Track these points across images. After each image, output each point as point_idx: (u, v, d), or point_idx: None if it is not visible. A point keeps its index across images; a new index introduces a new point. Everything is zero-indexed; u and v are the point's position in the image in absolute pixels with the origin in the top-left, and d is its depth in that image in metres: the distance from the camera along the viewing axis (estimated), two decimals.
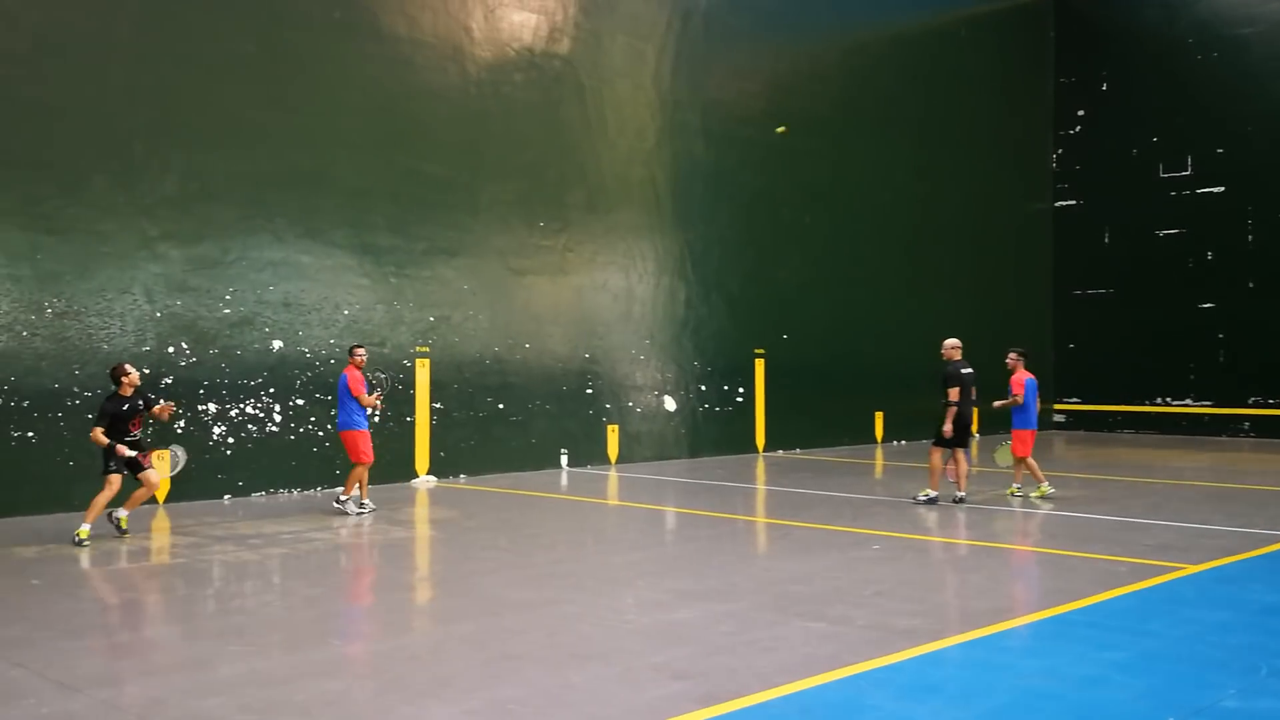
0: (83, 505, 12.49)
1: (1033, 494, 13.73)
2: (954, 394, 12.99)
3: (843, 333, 21.86)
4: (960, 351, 13.37)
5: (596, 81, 18.28)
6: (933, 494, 13.20)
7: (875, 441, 14.07)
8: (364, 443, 12.54)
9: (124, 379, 10.80)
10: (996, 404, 14.00)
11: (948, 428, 12.97)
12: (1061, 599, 8.05)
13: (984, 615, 7.63)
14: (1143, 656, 6.56)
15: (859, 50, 23.10)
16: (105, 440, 10.57)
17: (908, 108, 23.98)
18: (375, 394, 13.00)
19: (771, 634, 7.04)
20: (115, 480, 10.56)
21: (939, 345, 13.73)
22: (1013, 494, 13.84)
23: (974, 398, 13.41)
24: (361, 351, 12.86)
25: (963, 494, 13.27)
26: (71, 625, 7.28)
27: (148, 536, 11.08)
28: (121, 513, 10.89)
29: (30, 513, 12.16)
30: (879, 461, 15.73)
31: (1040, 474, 13.81)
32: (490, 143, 16.80)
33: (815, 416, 21.41)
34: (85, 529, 10.40)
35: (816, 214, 21.90)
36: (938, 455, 13.21)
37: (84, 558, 9.79)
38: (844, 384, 21.72)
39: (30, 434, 12.29)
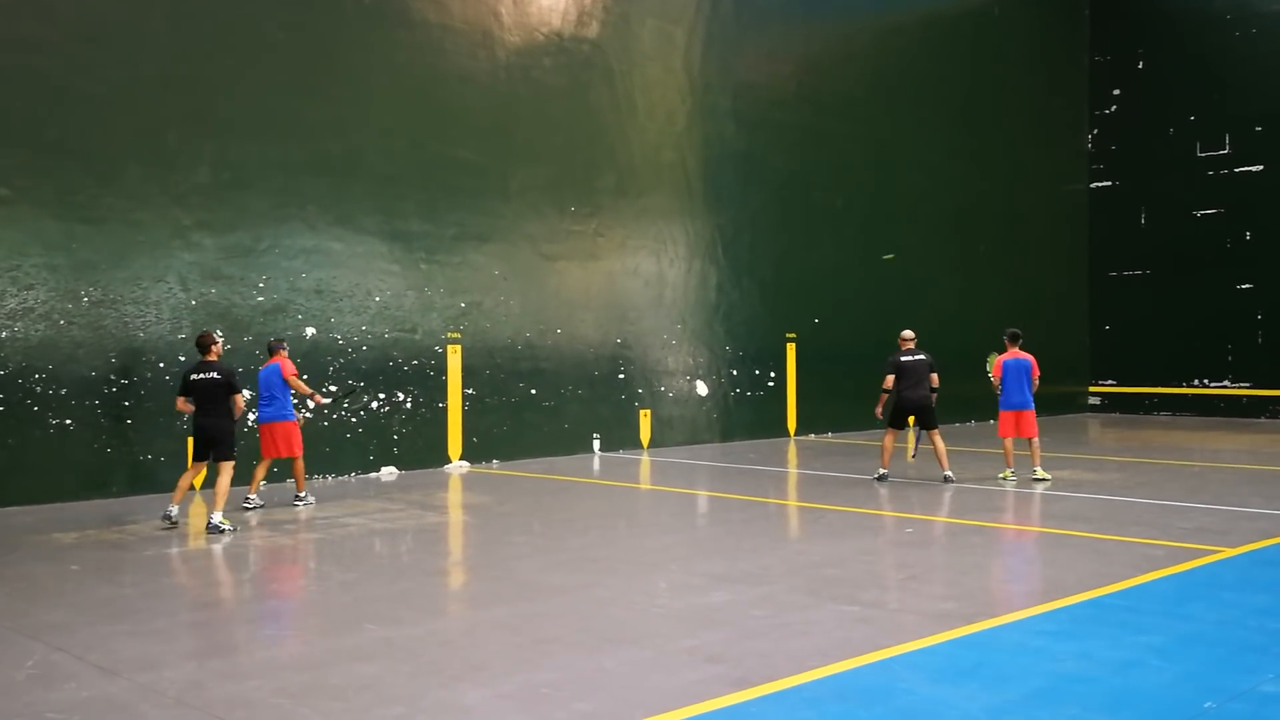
0: (121, 492, 12.66)
1: (999, 475, 14.06)
2: (888, 381, 13.95)
3: (875, 316, 21.72)
4: (912, 343, 14.25)
5: (626, 65, 18.23)
6: (882, 471, 14.09)
7: (907, 425, 14.01)
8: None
9: (213, 346, 10.91)
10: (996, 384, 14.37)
11: (878, 410, 14.14)
12: (1097, 582, 7.98)
13: (1019, 599, 7.57)
14: (1180, 640, 6.49)
15: (892, 30, 22.90)
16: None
17: (942, 88, 23.76)
18: (343, 396, 13.48)
19: (805, 618, 7.03)
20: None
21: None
22: (1006, 478, 13.98)
23: (935, 385, 14.04)
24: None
25: (948, 472, 13.75)
26: (110, 610, 7.36)
27: (186, 522, 11.19)
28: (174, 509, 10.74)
29: (69, 499, 12.32)
30: (910, 445, 15.67)
31: (1011, 460, 14.10)
32: (520, 128, 16.80)
33: (847, 400, 21.29)
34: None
35: (849, 197, 21.76)
36: (890, 436, 14.17)
37: (122, 543, 9.90)
38: (875, 368, 21.53)
39: (68, 421, 12.44)
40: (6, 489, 11.94)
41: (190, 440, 11.22)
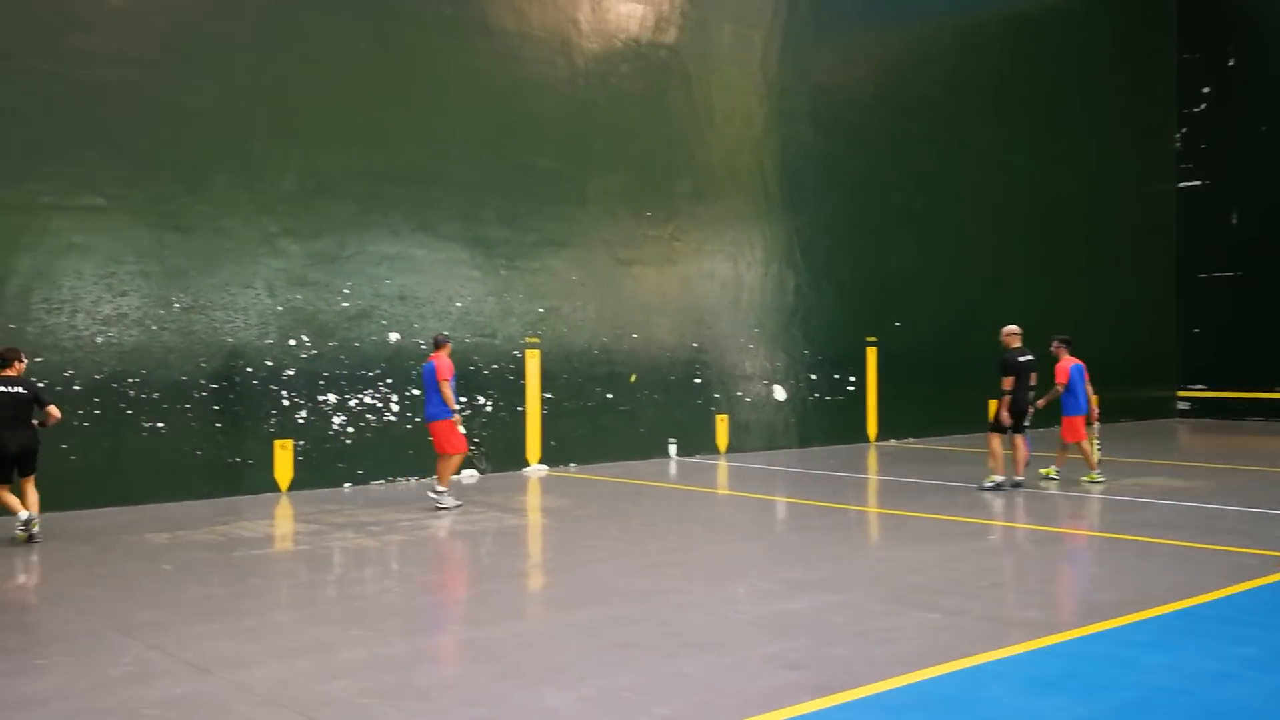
0: (210, 493, 12.96)
1: (1043, 470, 13.92)
2: (1008, 383, 13.05)
3: (957, 319, 21.45)
4: (1019, 339, 13.42)
5: (703, 70, 18.24)
6: (999, 479, 13.27)
7: (1017, 429, 13.94)
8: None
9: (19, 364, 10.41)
10: (1041, 401, 13.77)
11: (1004, 415, 13.11)
12: (1189, 592, 7.80)
13: (1107, 608, 7.43)
14: (1276, 653, 6.32)
15: (972, 29, 22.60)
16: None
17: (1023, 88, 23.40)
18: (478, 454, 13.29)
19: (886, 625, 6.97)
20: None
21: (1057, 332, 13.53)
22: (1049, 475, 13.94)
23: (1033, 384, 13.36)
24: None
25: (1020, 478, 13.41)
26: (202, 609, 7.55)
27: (272, 523, 11.43)
28: None
29: (161, 500, 12.64)
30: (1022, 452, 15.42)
31: (1094, 460, 13.86)
32: (598, 134, 16.90)
33: (928, 405, 21.06)
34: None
35: (929, 199, 21.52)
36: (996, 440, 13.34)
37: (212, 544, 10.14)
38: (958, 372, 21.26)
39: (160, 425, 12.77)
40: (102, 490, 12.30)
41: None
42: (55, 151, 12.23)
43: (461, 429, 12.24)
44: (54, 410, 10.49)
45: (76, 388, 12.25)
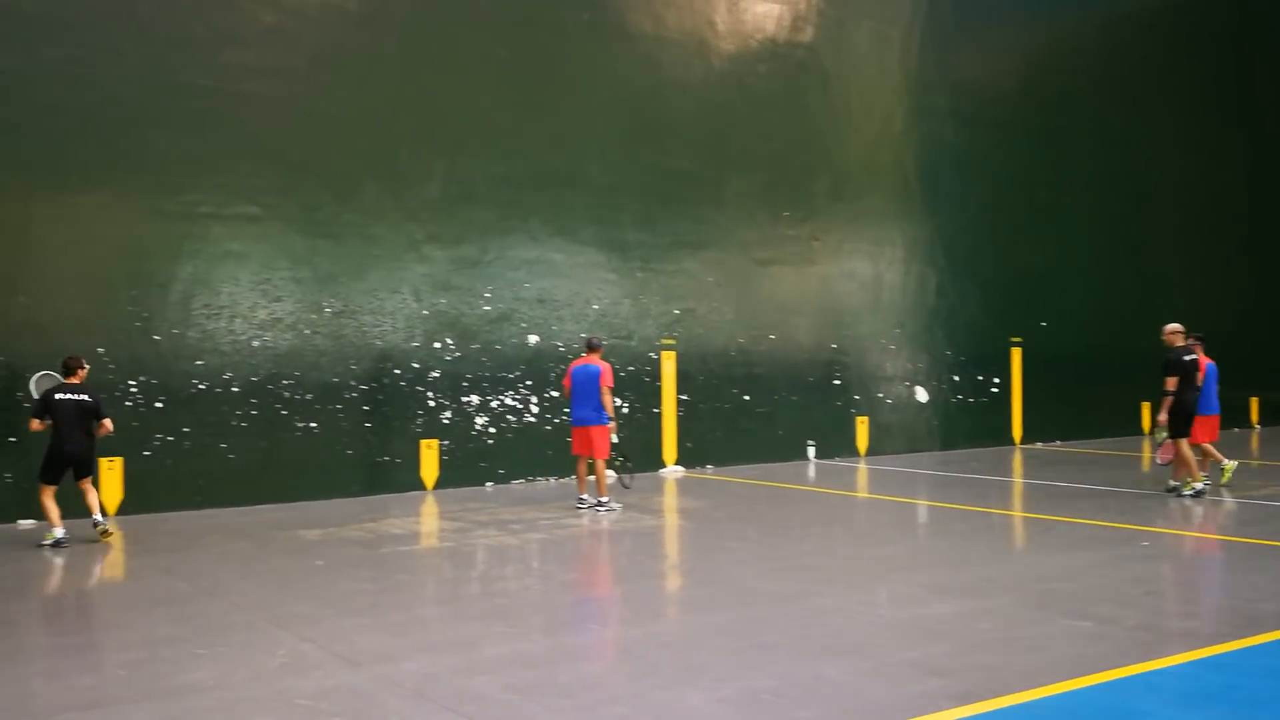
0: (359, 491, 13.37)
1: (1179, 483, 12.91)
2: (1171, 383, 12.45)
3: (1107, 320, 20.72)
4: (1182, 337, 12.87)
5: (841, 68, 18.04)
6: (1198, 486, 12.54)
7: (1142, 433, 13.30)
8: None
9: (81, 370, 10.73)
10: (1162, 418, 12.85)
11: (1162, 417, 12.56)
12: None
13: (1268, 619, 7.08)
14: None
15: (1121, 20, 21.81)
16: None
17: (1174, 78, 22.46)
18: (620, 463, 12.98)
19: (1034, 632, 6.78)
20: None
21: (1215, 333, 12.88)
22: (1227, 477, 13.28)
23: (1199, 384, 12.70)
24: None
25: (1177, 483, 12.78)
26: (352, 604, 7.79)
27: (418, 521, 11.74)
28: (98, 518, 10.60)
29: (313, 498, 13.10)
30: (1146, 454, 14.86)
31: (1202, 464, 13.06)
32: (735, 135, 16.87)
33: (1077, 407, 20.39)
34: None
35: (1076, 195, 20.85)
36: (1185, 446, 12.57)
37: (362, 540, 10.45)
38: (1108, 373, 20.55)
39: (313, 425, 13.24)
40: (258, 488, 12.81)
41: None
42: (212, 163, 12.80)
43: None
44: (108, 424, 10.73)
45: (235, 389, 12.79)
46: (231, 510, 12.43)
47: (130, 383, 12.21)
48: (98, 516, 10.60)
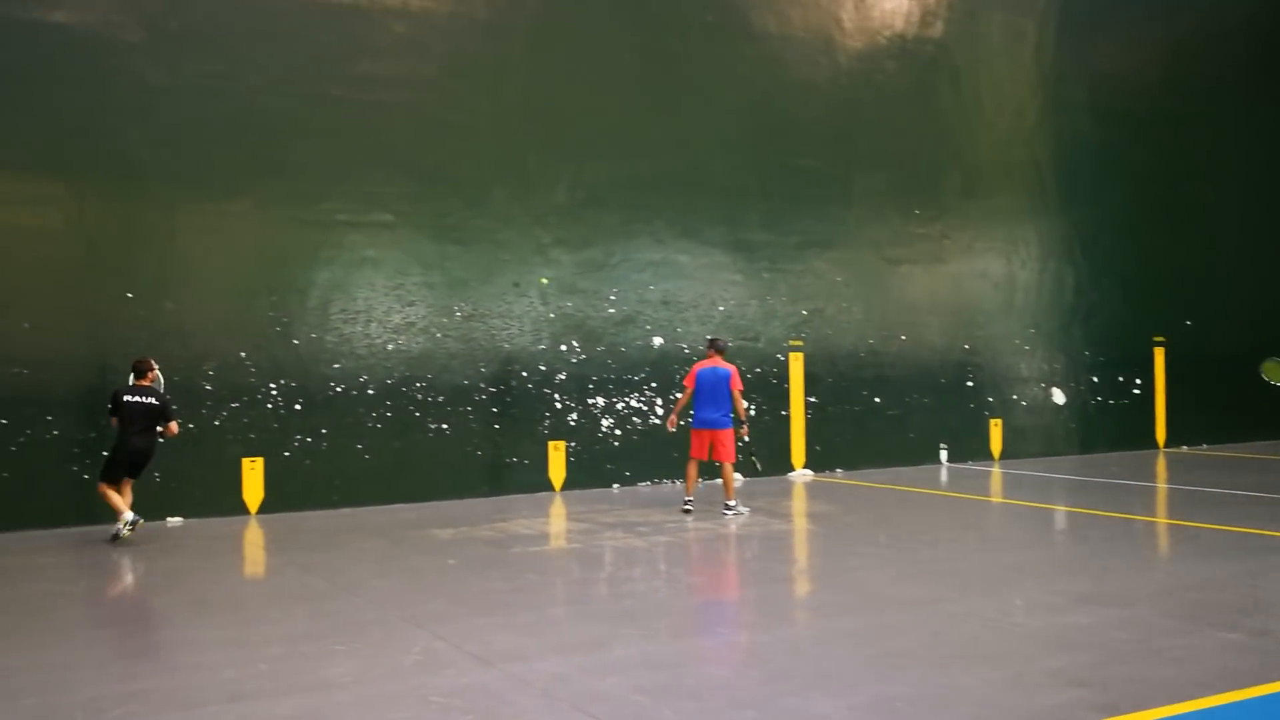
0: (489, 492, 13.58)
1: None
2: None
3: (1256, 318, 19.81)
4: None
5: (972, 63, 17.65)
6: None
7: None
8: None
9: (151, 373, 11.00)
10: None
11: None
12: None
13: None
14: None
15: (1269, 3, 20.83)
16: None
17: None
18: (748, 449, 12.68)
19: (1179, 643, 6.50)
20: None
21: None
22: None
23: None
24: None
25: None
26: (484, 603, 7.90)
27: (546, 522, 11.86)
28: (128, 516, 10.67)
29: (445, 497, 13.35)
30: None
31: None
32: (862, 133, 16.65)
33: (1224, 409, 19.55)
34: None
35: (1222, 189, 20.00)
36: None
37: (492, 540, 10.61)
38: (1257, 374, 19.62)
39: (444, 426, 13.50)
40: (393, 488, 13.11)
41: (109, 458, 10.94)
42: (348, 171, 13.15)
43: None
44: (174, 426, 10.99)
45: (370, 392, 13.12)
46: (367, 509, 12.76)
47: (270, 385, 12.63)
48: (128, 515, 10.63)
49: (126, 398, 10.73)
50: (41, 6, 11.77)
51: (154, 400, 10.82)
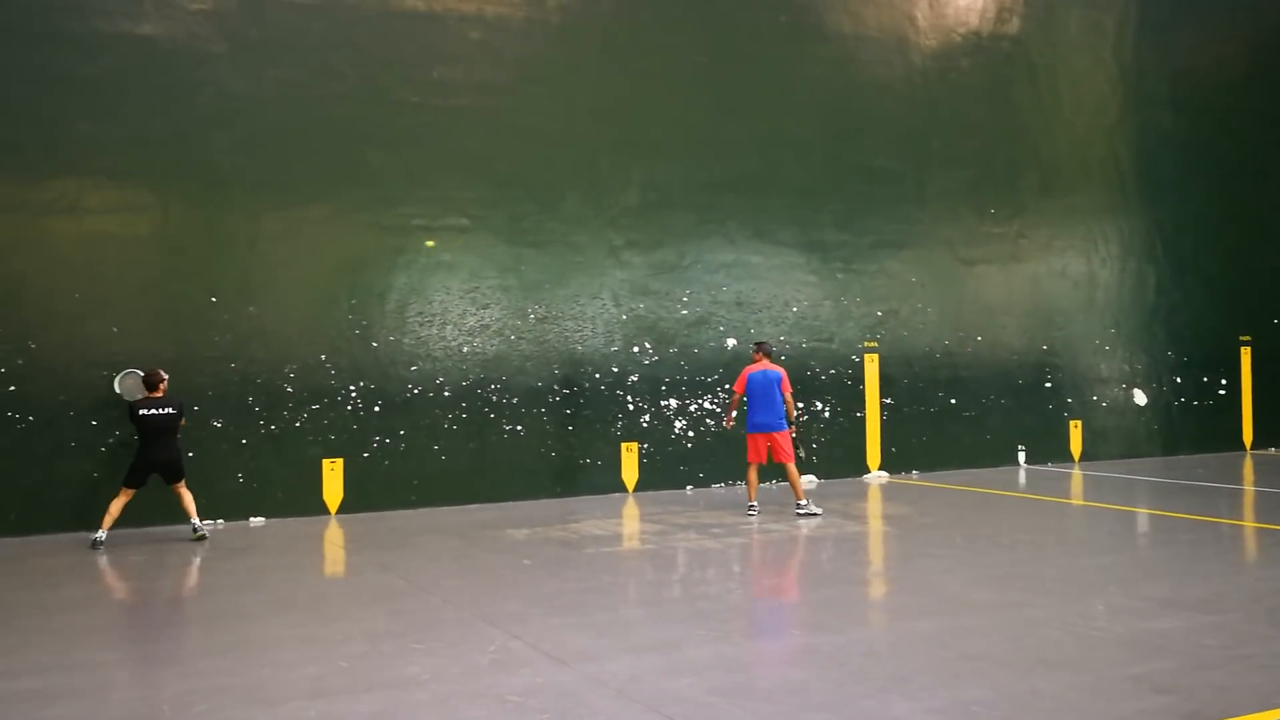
0: (562, 492, 13.66)
1: None
2: None
3: None
4: None
5: (1050, 59, 17.37)
6: None
7: None
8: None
9: (162, 384, 11.17)
10: None
11: None
12: None
13: None
14: None
15: None
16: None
17: None
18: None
19: (1269, 650, 6.34)
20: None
21: None
22: None
23: None
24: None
25: None
26: (558, 603, 7.97)
27: (620, 523, 11.91)
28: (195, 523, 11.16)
29: (519, 498, 13.47)
30: None
31: None
32: (937, 131, 16.47)
33: None
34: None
35: None
36: None
37: (567, 541, 10.68)
38: None
39: (519, 427, 13.61)
40: (469, 488, 13.26)
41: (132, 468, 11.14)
42: (424, 177, 13.33)
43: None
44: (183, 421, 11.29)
45: (446, 394, 13.28)
46: (444, 509, 12.92)
47: (350, 388, 12.84)
48: (195, 521, 11.13)
49: (143, 411, 10.97)
50: (128, 19, 12.10)
51: (170, 409, 11.07)
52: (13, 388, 11.49)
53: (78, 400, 11.71)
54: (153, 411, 10.98)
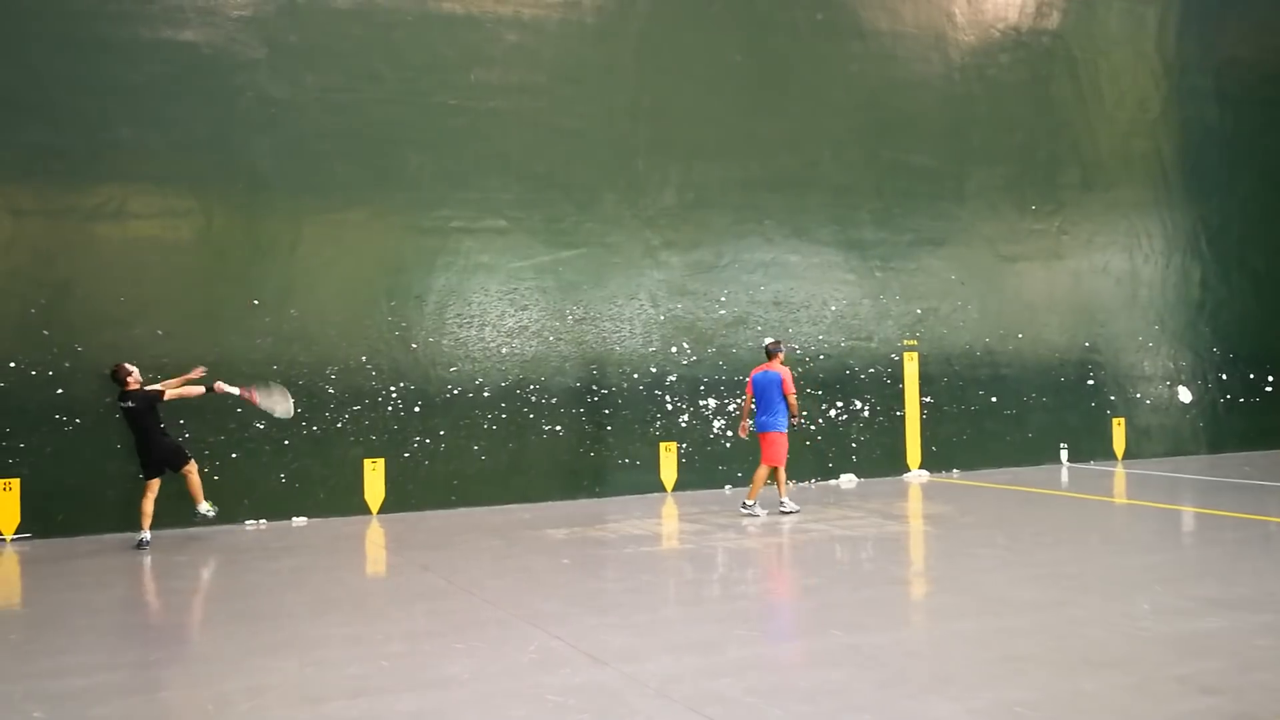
0: (601, 492, 13.67)
1: None
2: None
3: None
4: None
5: (1090, 53, 17.20)
6: None
7: None
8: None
9: (129, 378, 11.05)
10: None
11: None
12: None
13: None
14: None
15: None
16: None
17: None
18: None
19: None
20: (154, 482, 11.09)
21: None
22: None
23: None
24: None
25: None
26: (598, 603, 7.98)
27: (659, 522, 11.91)
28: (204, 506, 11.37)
29: (558, 498, 13.51)
30: None
31: None
32: (976, 128, 16.35)
33: None
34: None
35: None
36: None
37: (606, 540, 10.70)
38: None
39: (558, 427, 13.65)
40: (508, 488, 13.32)
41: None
42: (463, 179, 13.40)
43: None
44: (170, 385, 11.17)
45: (486, 394, 13.34)
46: (484, 509, 12.98)
47: (390, 388, 12.93)
48: (200, 506, 11.32)
49: (120, 410, 11.10)
50: (170, 26, 12.25)
51: (131, 403, 10.92)
52: (60, 390, 11.67)
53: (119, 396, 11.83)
54: (122, 406, 11.04)
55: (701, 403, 14.43)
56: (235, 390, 11.34)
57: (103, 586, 9.17)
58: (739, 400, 14.57)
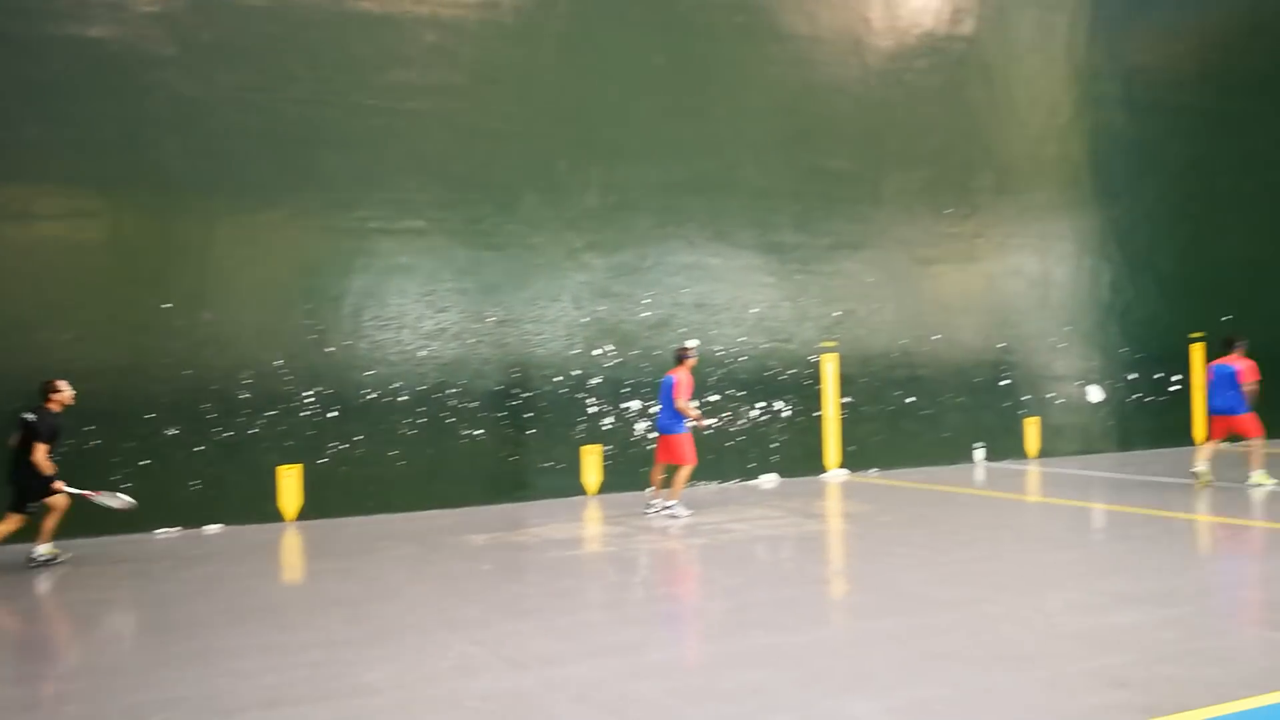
0: (522, 497, 13.59)
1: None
2: None
3: None
4: None
5: (1004, 59, 17.53)
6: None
7: None
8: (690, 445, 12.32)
9: (54, 395, 10.40)
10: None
11: None
12: None
13: None
14: None
15: None
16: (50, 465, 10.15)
17: None
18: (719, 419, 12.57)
19: (1223, 643, 6.42)
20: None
21: None
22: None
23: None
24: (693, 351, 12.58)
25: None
26: (519, 608, 7.93)
27: (581, 526, 11.87)
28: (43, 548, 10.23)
29: (479, 503, 13.40)
30: None
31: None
32: (892, 132, 16.57)
33: (1267, 405, 19.23)
34: None
35: (1263, 181, 19.71)
36: None
37: (527, 545, 10.64)
38: None
39: (478, 432, 13.55)
40: (428, 493, 13.18)
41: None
42: (381, 179, 13.24)
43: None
44: (38, 457, 10.05)
45: (403, 398, 13.19)
46: (403, 515, 12.82)
47: (306, 393, 12.73)
48: (38, 549, 10.18)
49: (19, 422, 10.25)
50: (77, 22, 11.93)
51: (29, 415, 10.24)
52: None
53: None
54: (23, 418, 10.25)
55: (624, 405, 14.42)
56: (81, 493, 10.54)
57: (2, 599, 8.88)
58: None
